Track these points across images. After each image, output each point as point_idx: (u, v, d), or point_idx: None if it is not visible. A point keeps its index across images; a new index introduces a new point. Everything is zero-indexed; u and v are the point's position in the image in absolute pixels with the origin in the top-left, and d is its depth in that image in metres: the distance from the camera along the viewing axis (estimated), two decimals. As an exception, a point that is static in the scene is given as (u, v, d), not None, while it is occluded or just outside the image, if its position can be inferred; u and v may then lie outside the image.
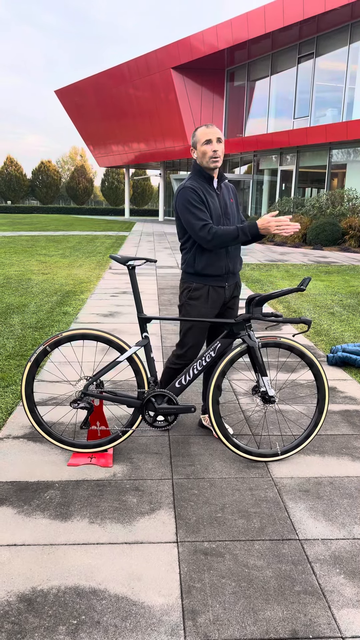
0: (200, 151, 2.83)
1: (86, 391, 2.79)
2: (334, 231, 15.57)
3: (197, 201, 2.79)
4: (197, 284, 2.94)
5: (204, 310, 2.95)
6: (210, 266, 2.89)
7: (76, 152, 75.51)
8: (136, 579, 2.00)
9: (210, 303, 2.95)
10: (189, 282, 2.96)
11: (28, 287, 8.00)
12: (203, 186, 2.86)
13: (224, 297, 2.98)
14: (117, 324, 5.87)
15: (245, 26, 20.02)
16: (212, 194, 2.87)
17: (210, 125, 2.83)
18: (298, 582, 1.99)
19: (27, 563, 2.07)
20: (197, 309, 2.94)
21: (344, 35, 18.56)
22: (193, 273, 2.94)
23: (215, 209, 2.86)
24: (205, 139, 2.80)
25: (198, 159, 2.87)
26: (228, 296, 3.01)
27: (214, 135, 2.79)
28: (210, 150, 2.79)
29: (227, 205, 2.92)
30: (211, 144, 2.80)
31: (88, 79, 30.59)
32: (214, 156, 2.80)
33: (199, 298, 2.94)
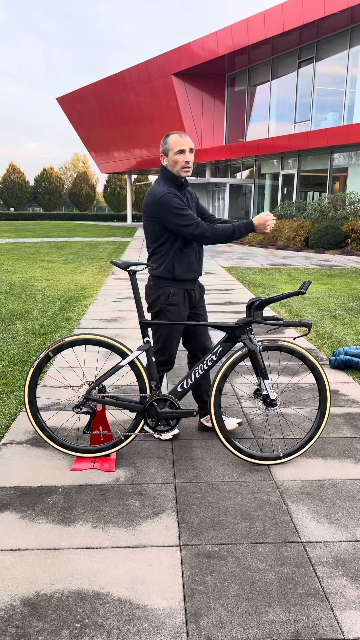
0: (172, 159, 2.88)
1: (88, 396, 2.81)
2: (336, 234, 15.58)
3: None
4: (175, 289, 3.00)
5: (182, 314, 3.05)
6: (188, 271, 3.00)
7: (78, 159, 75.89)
8: (139, 582, 2.00)
9: (187, 306, 3.08)
10: (166, 287, 2.99)
11: (31, 294, 8.04)
12: (176, 191, 2.92)
13: (194, 299, 3.11)
14: (120, 329, 5.89)
15: (245, 32, 20.12)
16: (183, 199, 2.95)
17: (183, 135, 2.88)
18: (301, 585, 1.99)
19: (31, 567, 2.08)
20: (177, 314, 3.02)
21: (343, 40, 18.63)
22: (171, 279, 2.98)
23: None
24: (179, 149, 2.85)
25: (169, 166, 2.91)
26: (197, 297, 3.14)
27: (187, 146, 2.85)
28: (182, 161, 2.86)
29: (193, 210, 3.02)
30: (184, 154, 2.86)
31: (89, 86, 30.78)
32: (185, 166, 2.87)
33: (177, 303, 3.01)
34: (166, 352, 3.08)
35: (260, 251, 16.18)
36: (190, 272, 3.01)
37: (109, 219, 52.05)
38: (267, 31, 19.19)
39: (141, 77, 26.40)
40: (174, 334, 3.05)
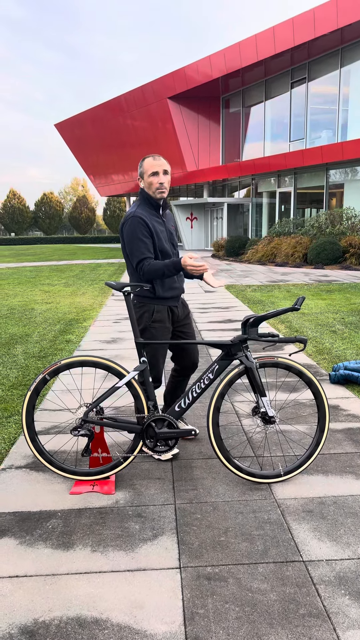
0: (147, 182, 2.96)
1: (86, 418, 2.80)
2: (335, 250, 15.66)
3: (145, 233, 2.92)
4: (159, 306, 3.07)
5: (167, 331, 3.12)
6: (170, 289, 3.07)
7: (78, 183, 76.78)
8: (139, 607, 1.97)
9: (170, 322, 3.15)
10: (149, 305, 3.06)
11: (31, 317, 8.06)
12: (151, 213, 3.01)
13: (177, 315, 3.18)
14: (120, 349, 5.90)
15: (238, 55, 20.52)
16: (159, 221, 3.03)
17: (156, 157, 2.95)
18: (302, 605, 1.96)
19: (29, 594, 2.06)
20: (162, 330, 3.09)
21: (334, 60, 18.98)
22: (154, 297, 3.05)
23: (162, 235, 3.03)
24: (152, 171, 2.92)
25: (145, 188, 2.99)
26: (180, 314, 3.20)
27: (160, 168, 2.92)
28: (156, 182, 2.93)
29: (171, 232, 3.11)
30: (157, 176, 2.93)
31: (87, 111, 31.31)
32: (160, 188, 2.95)
33: (161, 320, 3.09)
34: (153, 369, 3.13)
35: (259, 268, 16.25)
36: (171, 290, 3.09)
37: (109, 241, 52.42)
38: (260, 54, 19.57)
39: (137, 102, 26.85)
40: (160, 351, 3.12)
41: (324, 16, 16.72)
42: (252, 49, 19.80)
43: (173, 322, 3.19)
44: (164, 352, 3.15)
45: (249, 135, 24.93)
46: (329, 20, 16.56)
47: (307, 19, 17.32)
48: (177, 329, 3.23)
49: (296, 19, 17.71)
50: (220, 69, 21.60)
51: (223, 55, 21.25)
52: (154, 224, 2.99)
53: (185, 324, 3.26)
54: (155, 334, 3.08)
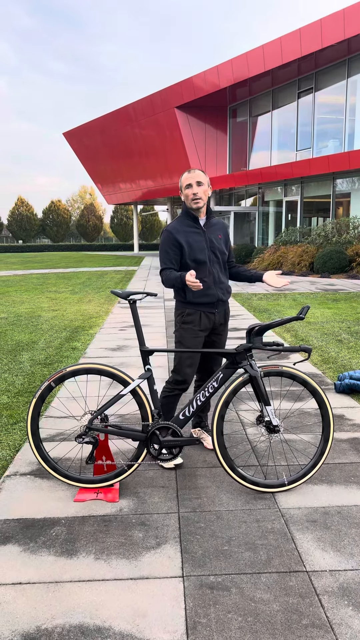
0: (184, 194, 3.15)
1: (91, 425, 2.81)
2: (341, 259, 15.64)
3: (170, 245, 3.13)
4: (190, 309, 3.19)
5: (196, 334, 3.18)
6: (203, 296, 3.15)
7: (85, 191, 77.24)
8: (141, 615, 1.97)
9: (202, 326, 3.20)
10: (182, 308, 3.22)
11: (38, 324, 8.11)
12: (188, 224, 3.16)
13: (213, 322, 3.23)
14: (126, 357, 5.91)
15: (246, 65, 20.65)
16: (196, 231, 3.15)
17: (192, 171, 3.13)
18: (305, 616, 1.95)
19: (32, 602, 2.06)
20: (190, 332, 3.18)
21: (341, 70, 19.06)
22: (185, 302, 3.20)
23: (198, 245, 3.12)
24: (186, 184, 3.11)
25: (184, 200, 3.18)
26: (218, 322, 3.25)
27: (193, 180, 3.09)
28: (190, 194, 3.10)
29: (212, 241, 3.18)
30: (191, 188, 3.10)
31: (95, 120, 31.56)
32: (194, 198, 3.10)
33: (191, 322, 3.19)
34: (180, 372, 3.21)
35: (265, 277, 16.24)
36: (204, 297, 3.16)
37: (116, 248, 52.65)
38: (267, 64, 19.68)
39: (145, 111, 27.05)
40: (185, 355, 3.18)
41: (331, 27, 16.82)
42: (259, 59, 19.93)
43: (210, 329, 3.25)
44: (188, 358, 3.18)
45: (255, 145, 25.02)
46: (336, 31, 16.65)
47: (314, 29, 17.42)
48: (210, 336, 3.31)
49: (303, 30, 17.82)
50: (228, 78, 21.73)
51: (230, 65, 21.40)
52: (187, 235, 3.13)
53: (218, 333, 3.32)
54: (184, 335, 3.20)
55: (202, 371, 3.45)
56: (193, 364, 3.21)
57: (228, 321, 3.37)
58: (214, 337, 3.32)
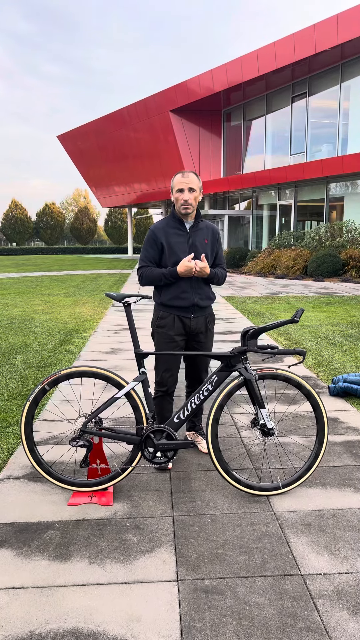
0: (174, 197, 3.10)
1: (85, 429, 2.80)
2: (335, 262, 15.71)
3: (151, 243, 3.14)
4: (164, 312, 3.18)
5: (171, 339, 3.18)
6: (176, 299, 3.14)
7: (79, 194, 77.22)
8: (135, 620, 1.96)
9: (176, 331, 3.19)
10: (157, 310, 3.23)
11: (31, 327, 8.08)
12: (173, 226, 3.13)
13: (190, 327, 3.21)
14: (120, 360, 5.90)
15: (240, 69, 20.75)
16: (180, 233, 3.13)
17: (186, 174, 3.06)
18: (300, 619, 1.95)
19: (25, 606, 2.04)
20: (164, 337, 3.19)
21: (335, 75, 19.18)
22: (160, 303, 3.20)
23: (179, 247, 3.11)
24: (178, 188, 3.05)
25: (174, 202, 3.13)
26: (194, 327, 3.21)
27: (186, 185, 3.03)
28: (181, 199, 3.05)
29: (196, 244, 3.15)
30: (182, 193, 3.05)
31: (89, 123, 31.58)
32: (184, 205, 3.05)
33: (165, 326, 3.20)
34: (157, 375, 3.25)
35: (259, 280, 16.28)
36: (176, 300, 3.14)
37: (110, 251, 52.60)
38: (261, 68, 19.78)
39: (139, 114, 27.10)
40: (162, 358, 3.21)
41: (324, 32, 16.94)
42: (253, 64, 20.03)
43: (186, 334, 3.22)
44: (164, 361, 3.20)
45: (249, 148, 25.12)
46: (330, 36, 16.77)
47: (307, 34, 17.54)
48: (190, 342, 3.28)
49: (297, 35, 17.93)
50: (222, 83, 21.82)
51: (225, 70, 21.49)
52: (170, 237, 3.11)
53: (199, 341, 3.27)
54: (158, 339, 3.22)
55: (190, 378, 3.43)
56: (169, 369, 3.20)
57: (211, 329, 3.32)
58: (195, 344, 3.28)
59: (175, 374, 3.26)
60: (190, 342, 3.28)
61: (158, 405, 3.31)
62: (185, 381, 3.48)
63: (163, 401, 3.30)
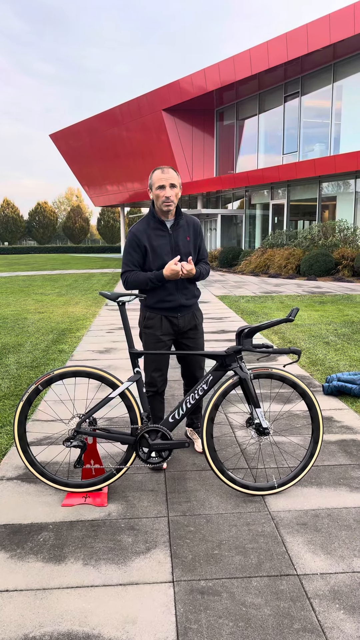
0: (154, 194, 3.03)
1: (79, 429, 2.78)
2: (327, 262, 15.75)
3: (133, 247, 3.09)
4: (151, 314, 3.18)
5: (159, 339, 3.18)
6: (162, 301, 3.13)
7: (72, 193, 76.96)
8: (131, 622, 1.94)
9: (164, 331, 3.18)
10: (144, 311, 3.22)
11: (24, 327, 8.02)
12: (154, 227, 3.08)
13: (177, 326, 3.20)
14: (113, 359, 5.87)
15: (232, 69, 20.75)
16: (162, 234, 3.09)
17: (165, 170, 3.00)
18: (297, 620, 1.94)
19: (19, 609, 2.02)
20: (152, 337, 3.18)
21: (327, 75, 19.23)
22: (146, 306, 3.19)
23: (162, 249, 3.07)
24: (159, 185, 2.98)
25: (154, 200, 3.06)
26: (182, 325, 3.22)
27: (167, 182, 2.97)
28: (162, 196, 2.99)
29: (178, 244, 3.11)
30: (164, 190, 2.98)
31: (82, 122, 31.46)
32: (166, 202, 3.00)
33: (152, 327, 3.19)
34: (147, 375, 3.24)
35: (252, 279, 16.30)
36: (162, 302, 3.14)
37: (102, 250, 52.47)
38: (253, 68, 19.79)
39: (132, 113, 27.04)
40: (151, 358, 3.21)
41: (317, 32, 16.97)
42: (246, 63, 20.04)
43: (174, 333, 3.23)
44: (155, 360, 3.21)
45: (242, 148, 25.14)
46: (322, 36, 16.81)
47: (300, 34, 17.57)
48: (180, 341, 3.29)
49: (289, 35, 17.96)
50: (215, 82, 21.82)
51: (218, 69, 21.48)
52: (151, 239, 3.07)
53: (189, 338, 3.27)
54: (146, 340, 3.22)
55: (187, 377, 3.42)
56: (158, 368, 3.20)
57: (200, 325, 3.30)
58: (186, 341, 3.28)
59: (165, 373, 3.25)
60: (180, 340, 3.28)
61: (151, 403, 3.30)
62: (183, 380, 3.47)
63: (154, 401, 3.29)
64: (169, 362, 3.28)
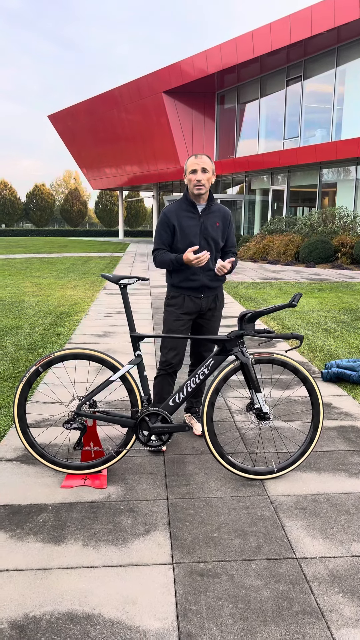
0: (187, 178, 3.14)
1: (79, 411, 2.77)
2: (326, 249, 15.70)
3: (164, 226, 3.19)
4: (174, 292, 3.26)
5: (178, 316, 3.24)
6: (187, 280, 3.20)
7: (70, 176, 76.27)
8: (131, 602, 1.95)
9: (185, 309, 3.24)
10: (169, 291, 3.30)
11: (22, 309, 7.99)
12: (185, 209, 3.17)
13: (200, 306, 3.26)
14: (112, 343, 5.86)
15: (234, 51, 20.45)
16: (192, 216, 3.17)
17: (199, 156, 3.11)
18: (296, 602, 1.95)
19: (20, 589, 2.02)
20: (172, 315, 3.26)
21: (330, 59, 18.98)
22: (171, 285, 3.29)
23: (190, 230, 3.15)
24: (191, 169, 3.09)
25: (188, 184, 3.17)
26: (204, 306, 3.25)
27: (199, 166, 3.08)
28: (194, 180, 3.09)
29: (207, 228, 3.18)
30: (195, 174, 3.09)
31: (81, 103, 31.05)
32: (197, 185, 3.09)
33: (174, 305, 3.27)
34: (163, 354, 3.28)
35: (251, 266, 16.25)
36: (187, 282, 3.20)
37: (100, 234, 52.17)
38: (256, 50, 19.51)
39: (132, 95, 26.68)
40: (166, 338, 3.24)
41: (321, 14, 16.71)
42: (248, 45, 19.74)
43: (196, 313, 3.28)
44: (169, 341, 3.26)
45: (243, 132, 24.89)
46: (326, 18, 16.55)
47: (304, 16, 17.29)
48: (198, 321, 3.35)
49: (293, 17, 17.68)
50: (216, 64, 21.51)
51: (219, 51, 21.17)
52: (181, 220, 3.15)
53: (205, 318, 3.33)
54: (167, 316, 3.29)
55: (194, 356, 3.46)
56: (173, 347, 3.24)
57: (220, 308, 3.36)
58: (202, 321, 3.34)
59: (181, 353, 3.27)
60: (197, 320, 3.34)
61: (158, 384, 3.31)
62: (190, 359, 3.52)
63: (164, 381, 3.30)
64: (186, 343, 3.30)
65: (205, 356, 3.41)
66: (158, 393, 3.30)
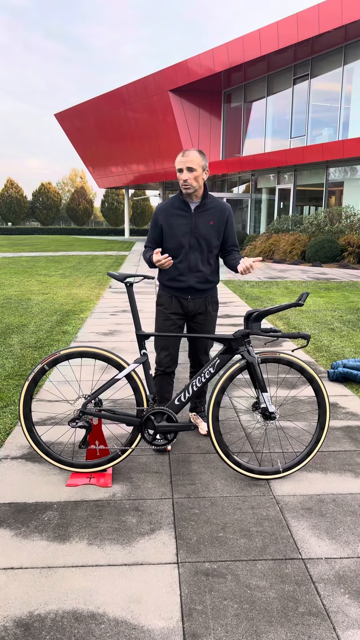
0: (177, 177, 3.05)
1: (84, 410, 2.76)
2: (333, 248, 15.64)
3: (153, 224, 3.16)
4: (162, 291, 3.25)
5: (168, 317, 3.23)
6: (173, 280, 3.17)
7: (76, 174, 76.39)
8: (136, 601, 1.95)
9: (173, 309, 3.21)
10: (159, 289, 3.32)
11: (28, 307, 8.00)
12: (177, 206, 3.10)
13: (187, 308, 3.21)
14: (117, 342, 5.86)
15: (241, 49, 20.39)
16: (183, 214, 3.08)
17: (186, 153, 2.98)
18: (302, 603, 1.94)
19: (25, 587, 2.02)
20: (161, 314, 3.25)
21: (338, 57, 18.88)
22: (161, 283, 3.28)
23: (180, 229, 3.07)
24: (178, 168, 3.00)
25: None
26: (192, 309, 3.20)
27: (184, 165, 2.96)
28: (181, 179, 3.01)
29: (198, 226, 3.08)
30: (181, 173, 2.99)
31: (87, 102, 31.06)
32: (183, 185, 3.00)
33: (162, 304, 3.25)
34: (156, 352, 3.30)
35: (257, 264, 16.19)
36: (172, 281, 3.17)
37: (106, 233, 52.22)
38: (263, 48, 19.44)
39: (138, 94, 26.66)
40: (157, 338, 3.24)
41: (328, 13, 16.62)
42: (255, 44, 19.68)
43: (184, 315, 3.25)
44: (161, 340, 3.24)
45: (249, 131, 24.82)
46: (334, 16, 16.46)
47: (311, 15, 17.21)
48: (189, 323, 3.32)
49: (300, 15, 17.60)
50: (223, 63, 21.45)
51: (226, 49, 21.11)
52: (170, 218, 3.08)
53: (197, 322, 3.27)
54: (157, 316, 3.28)
55: (191, 357, 3.44)
56: (165, 347, 3.22)
57: (211, 312, 3.26)
58: (193, 325, 3.27)
59: (174, 353, 3.24)
60: (189, 322, 3.30)
61: (157, 384, 3.31)
62: (189, 360, 3.49)
63: (162, 381, 3.29)
64: (178, 343, 3.27)
65: (201, 360, 3.36)
66: (158, 393, 3.30)
